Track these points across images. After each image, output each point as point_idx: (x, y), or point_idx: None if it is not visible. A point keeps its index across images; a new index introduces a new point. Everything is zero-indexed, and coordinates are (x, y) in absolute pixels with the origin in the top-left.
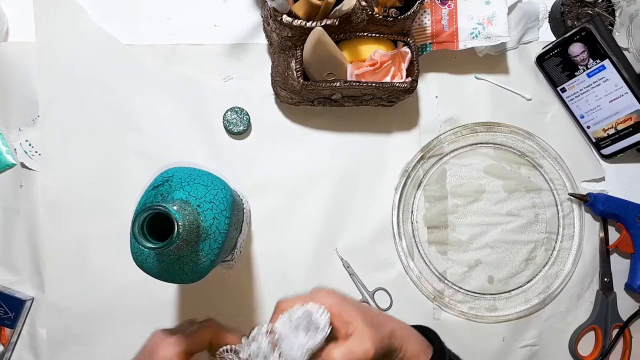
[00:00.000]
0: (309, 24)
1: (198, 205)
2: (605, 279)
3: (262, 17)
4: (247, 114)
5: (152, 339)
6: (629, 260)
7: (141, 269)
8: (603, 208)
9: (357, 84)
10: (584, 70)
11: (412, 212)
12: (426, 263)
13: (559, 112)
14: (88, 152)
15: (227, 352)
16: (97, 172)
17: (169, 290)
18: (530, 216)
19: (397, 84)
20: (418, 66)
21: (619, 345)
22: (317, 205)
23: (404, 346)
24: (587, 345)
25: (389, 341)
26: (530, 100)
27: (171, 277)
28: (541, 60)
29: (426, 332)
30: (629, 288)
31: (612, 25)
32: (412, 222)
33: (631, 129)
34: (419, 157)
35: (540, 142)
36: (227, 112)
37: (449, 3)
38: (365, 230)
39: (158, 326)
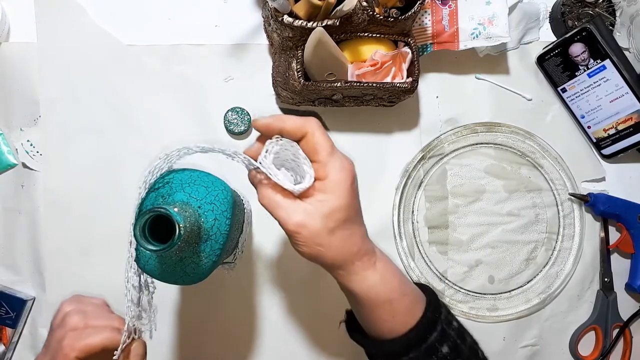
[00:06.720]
0: (309, 25)
1: (199, 207)
2: (606, 279)
3: (263, 17)
4: (248, 114)
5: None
6: (629, 260)
7: (143, 270)
8: (603, 208)
9: (358, 84)
10: (585, 71)
11: (413, 212)
12: (427, 263)
13: (559, 112)
14: (89, 152)
15: None
16: (98, 172)
17: (170, 291)
18: (530, 216)
19: (398, 84)
20: (419, 66)
21: (620, 345)
22: None
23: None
24: (587, 345)
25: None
26: (531, 100)
27: (173, 278)
28: (542, 61)
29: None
30: (629, 288)
31: (613, 25)
32: (412, 222)
33: (632, 129)
34: (419, 157)
35: (541, 142)
36: (228, 112)
37: (450, 3)
38: None
39: (157, 327)
